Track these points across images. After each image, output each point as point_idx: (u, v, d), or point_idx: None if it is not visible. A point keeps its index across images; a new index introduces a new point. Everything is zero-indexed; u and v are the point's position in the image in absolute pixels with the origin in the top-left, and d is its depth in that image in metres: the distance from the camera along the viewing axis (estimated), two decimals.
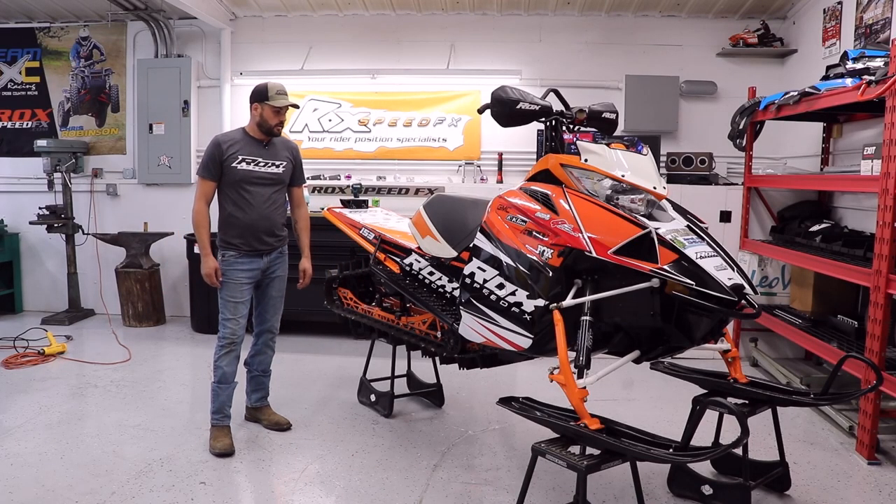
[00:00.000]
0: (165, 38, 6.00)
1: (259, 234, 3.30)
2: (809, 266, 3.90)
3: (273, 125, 3.28)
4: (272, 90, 3.23)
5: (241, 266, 3.28)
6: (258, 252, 3.32)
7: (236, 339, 3.30)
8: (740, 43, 5.57)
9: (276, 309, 3.51)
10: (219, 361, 3.29)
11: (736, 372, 2.74)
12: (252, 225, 3.28)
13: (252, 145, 3.30)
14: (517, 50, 5.85)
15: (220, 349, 3.30)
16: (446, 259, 3.24)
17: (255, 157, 3.29)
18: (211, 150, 3.26)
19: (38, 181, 6.08)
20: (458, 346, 3.08)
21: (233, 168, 3.24)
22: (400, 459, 3.20)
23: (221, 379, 3.29)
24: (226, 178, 3.26)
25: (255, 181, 3.29)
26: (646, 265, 2.26)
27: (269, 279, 3.43)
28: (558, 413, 2.45)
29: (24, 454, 3.17)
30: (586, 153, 2.58)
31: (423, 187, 5.79)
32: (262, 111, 3.25)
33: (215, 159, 3.24)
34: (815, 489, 2.93)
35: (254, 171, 3.28)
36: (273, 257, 3.40)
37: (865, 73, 3.39)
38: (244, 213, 3.27)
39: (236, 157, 3.24)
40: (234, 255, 3.28)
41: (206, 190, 3.28)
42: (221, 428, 3.29)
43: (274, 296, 3.47)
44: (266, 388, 3.61)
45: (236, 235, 3.27)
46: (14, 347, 4.88)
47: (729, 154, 5.33)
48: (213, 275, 3.24)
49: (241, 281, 3.29)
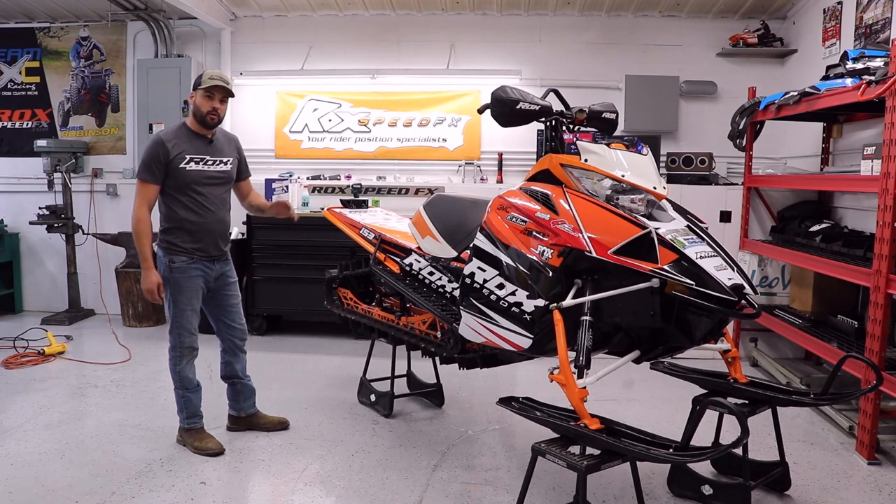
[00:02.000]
0: (165, 38, 6.00)
1: (214, 238, 3.16)
2: (809, 266, 3.90)
3: (205, 112, 3.05)
4: (206, 75, 3.05)
5: (195, 272, 3.13)
6: (211, 257, 3.18)
7: (194, 345, 3.20)
8: (740, 43, 5.57)
9: (240, 313, 3.37)
10: (182, 371, 3.18)
11: (736, 372, 2.74)
12: (209, 229, 3.13)
13: (196, 142, 3.10)
14: (517, 50, 5.85)
15: (180, 359, 3.17)
16: (446, 259, 3.24)
17: (202, 154, 3.10)
18: (153, 149, 3.01)
19: (38, 181, 6.07)
20: (458, 346, 3.08)
21: (181, 169, 3.03)
22: (400, 459, 3.20)
23: (188, 385, 3.22)
24: (173, 181, 3.05)
25: (206, 182, 3.11)
26: (646, 265, 2.26)
27: (224, 287, 3.28)
28: (558, 413, 2.45)
29: (24, 454, 3.17)
30: (586, 153, 2.58)
31: (423, 187, 5.79)
32: (195, 100, 3.06)
33: (159, 160, 3.00)
34: (815, 489, 2.93)
35: (203, 170, 3.09)
36: (223, 264, 3.27)
37: (865, 73, 3.39)
38: (199, 217, 3.10)
39: (183, 157, 3.03)
40: (185, 260, 3.10)
41: (149, 195, 3.04)
42: (200, 430, 3.26)
43: (235, 302, 3.34)
44: (254, 391, 3.49)
45: (190, 241, 3.10)
46: (14, 347, 4.88)
47: (729, 154, 5.33)
48: (155, 290, 3.05)
49: (196, 287, 3.14)
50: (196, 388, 3.27)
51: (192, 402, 3.26)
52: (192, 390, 3.25)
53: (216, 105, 3.07)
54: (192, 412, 3.27)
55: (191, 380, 3.24)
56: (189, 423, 3.26)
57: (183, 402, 3.25)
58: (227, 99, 3.14)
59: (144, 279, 3.06)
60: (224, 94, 3.10)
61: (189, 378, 3.23)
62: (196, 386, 3.27)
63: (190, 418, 3.26)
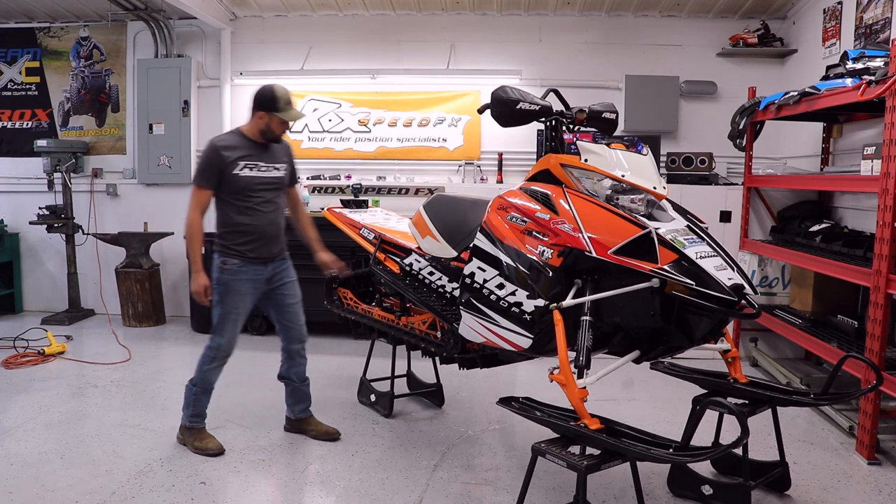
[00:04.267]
0: (165, 38, 6.00)
1: (268, 240, 3.19)
2: (809, 266, 3.90)
3: (279, 134, 3.16)
4: (281, 100, 3.06)
5: (245, 275, 3.14)
6: (264, 260, 3.19)
7: (230, 352, 3.21)
8: (740, 43, 5.57)
9: (299, 315, 3.35)
10: (208, 371, 3.19)
11: (736, 372, 2.74)
12: (262, 232, 3.16)
13: (250, 148, 3.15)
14: (517, 50, 5.85)
15: (211, 360, 3.18)
16: (446, 259, 3.24)
17: (256, 161, 3.14)
18: (209, 156, 3.07)
19: (38, 181, 6.08)
20: (458, 346, 3.08)
21: (235, 175, 3.08)
22: (400, 459, 3.20)
23: (206, 386, 3.23)
24: (228, 187, 3.10)
25: (259, 187, 3.15)
26: (646, 265, 2.26)
27: (280, 287, 3.28)
28: (558, 413, 2.45)
29: (24, 454, 3.17)
30: (586, 153, 2.58)
31: (423, 187, 5.79)
32: (269, 122, 3.09)
33: (214, 167, 3.06)
34: (815, 489, 2.93)
35: (256, 176, 3.13)
36: (277, 264, 3.27)
37: (865, 73, 3.39)
38: (252, 220, 3.13)
39: (237, 163, 3.08)
40: (237, 262, 3.13)
41: (202, 200, 3.11)
42: (201, 430, 3.27)
43: (291, 302, 3.32)
44: (309, 397, 3.49)
45: (245, 243, 3.13)
46: (14, 347, 4.88)
47: (729, 154, 5.33)
48: (202, 292, 3.08)
49: (245, 291, 3.15)
50: (210, 392, 3.28)
51: (202, 402, 3.27)
52: (206, 391, 3.27)
53: (287, 128, 3.20)
54: (198, 412, 3.27)
55: (211, 381, 3.25)
56: (192, 421, 3.27)
57: (193, 398, 3.25)
58: None
59: (194, 281, 3.12)
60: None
61: (210, 380, 3.24)
62: (211, 390, 3.28)
63: (194, 417, 3.27)
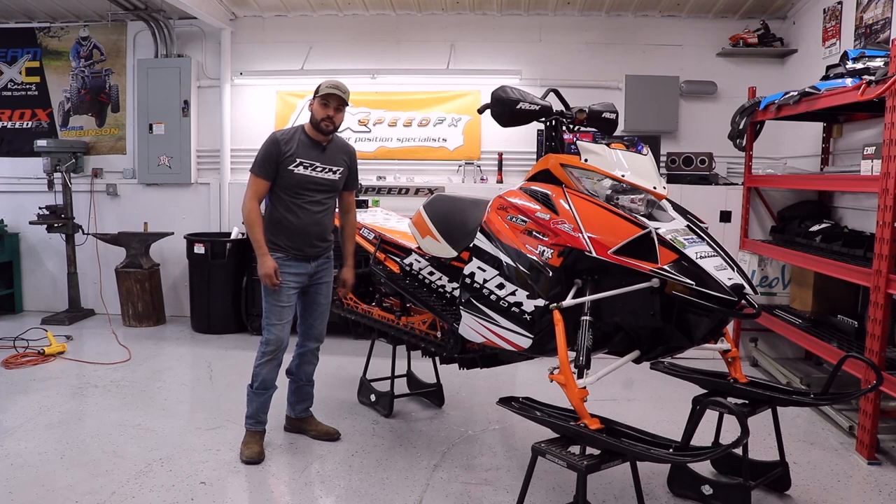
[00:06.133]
0: (165, 38, 6.00)
1: (310, 239, 3.17)
2: (809, 266, 3.90)
3: (320, 119, 3.10)
4: (323, 84, 3.10)
5: (290, 269, 3.14)
6: (307, 256, 3.19)
7: (282, 345, 3.18)
8: (740, 43, 5.57)
9: (324, 317, 3.36)
10: (260, 368, 3.17)
11: (736, 372, 2.74)
12: (304, 230, 3.15)
13: (310, 147, 3.14)
14: (517, 50, 5.85)
15: (263, 355, 3.16)
16: (446, 259, 3.24)
17: (313, 160, 3.13)
18: (269, 147, 3.09)
19: (38, 181, 6.07)
20: (458, 346, 3.08)
21: (290, 171, 3.08)
22: (400, 459, 3.20)
23: (261, 385, 3.19)
24: (281, 181, 3.10)
25: (311, 186, 3.14)
26: (646, 265, 2.26)
27: (317, 285, 3.29)
28: (558, 413, 2.45)
29: (24, 454, 3.17)
30: (586, 153, 2.58)
31: (423, 187, 5.79)
32: (312, 105, 3.13)
33: (272, 158, 3.07)
34: (815, 489, 2.93)
35: (311, 176, 3.12)
36: (320, 262, 3.26)
37: (865, 73, 3.39)
38: (296, 218, 3.13)
39: (294, 159, 3.08)
40: (281, 256, 3.13)
41: (259, 189, 3.12)
42: (254, 433, 3.23)
43: (322, 303, 3.32)
44: (311, 397, 3.49)
45: (285, 238, 3.14)
46: (14, 347, 4.88)
47: (729, 154, 5.33)
48: (272, 275, 3.06)
49: (290, 284, 3.15)
50: (266, 390, 3.22)
51: (255, 403, 3.21)
52: (261, 390, 3.21)
53: (330, 113, 3.10)
54: (252, 412, 3.22)
55: (265, 380, 3.19)
56: (246, 423, 3.24)
57: (247, 399, 3.23)
58: (343, 107, 3.16)
59: (261, 265, 3.09)
60: (339, 102, 3.11)
61: (264, 378, 3.18)
62: (268, 389, 3.22)
63: (249, 418, 3.23)
